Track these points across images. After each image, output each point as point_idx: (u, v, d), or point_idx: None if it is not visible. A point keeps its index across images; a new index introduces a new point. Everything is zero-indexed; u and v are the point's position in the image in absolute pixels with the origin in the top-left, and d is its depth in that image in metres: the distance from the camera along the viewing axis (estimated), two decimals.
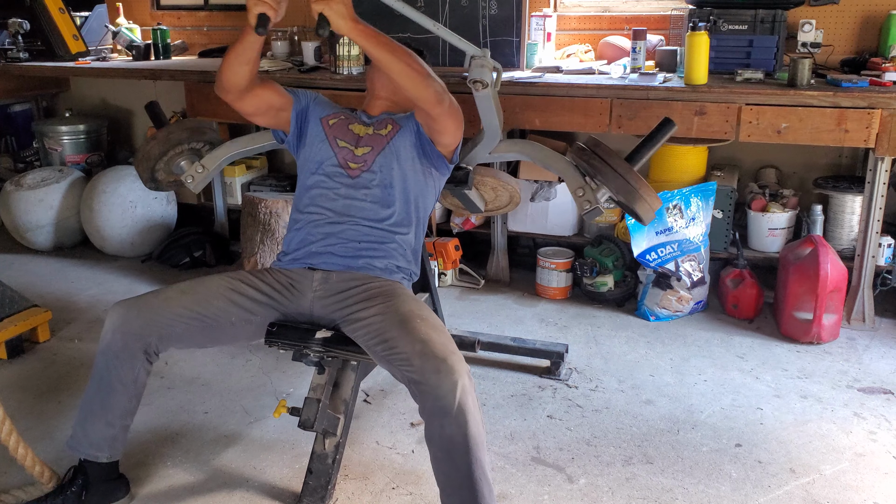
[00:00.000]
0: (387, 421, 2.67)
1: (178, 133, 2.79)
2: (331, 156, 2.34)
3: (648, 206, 2.36)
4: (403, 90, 2.12)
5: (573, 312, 3.54)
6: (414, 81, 2.07)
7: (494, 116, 2.42)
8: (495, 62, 2.04)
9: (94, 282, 3.94)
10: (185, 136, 2.80)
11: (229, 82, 2.22)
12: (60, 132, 4.63)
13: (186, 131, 2.80)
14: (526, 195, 3.72)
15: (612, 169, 2.33)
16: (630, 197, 2.34)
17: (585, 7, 4.02)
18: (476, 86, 2.00)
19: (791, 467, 2.41)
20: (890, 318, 3.41)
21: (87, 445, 2.15)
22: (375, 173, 2.30)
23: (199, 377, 2.97)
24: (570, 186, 2.49)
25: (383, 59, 2.02)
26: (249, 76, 2.22)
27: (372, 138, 2.34)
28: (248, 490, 2.33)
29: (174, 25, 4.79)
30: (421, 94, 2.10)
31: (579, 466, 2.42)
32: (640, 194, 2.32)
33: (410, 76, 2.06)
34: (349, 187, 2.30)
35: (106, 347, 2.10)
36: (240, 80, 2.21)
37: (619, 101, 3.28)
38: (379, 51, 2.01)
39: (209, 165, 2.73)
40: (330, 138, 2.36)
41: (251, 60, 2.18)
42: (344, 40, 3.61)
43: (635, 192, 2.32)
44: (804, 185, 3.78)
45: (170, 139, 2.79)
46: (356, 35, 1.96)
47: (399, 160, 2.31)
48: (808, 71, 3.11)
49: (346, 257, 2.26)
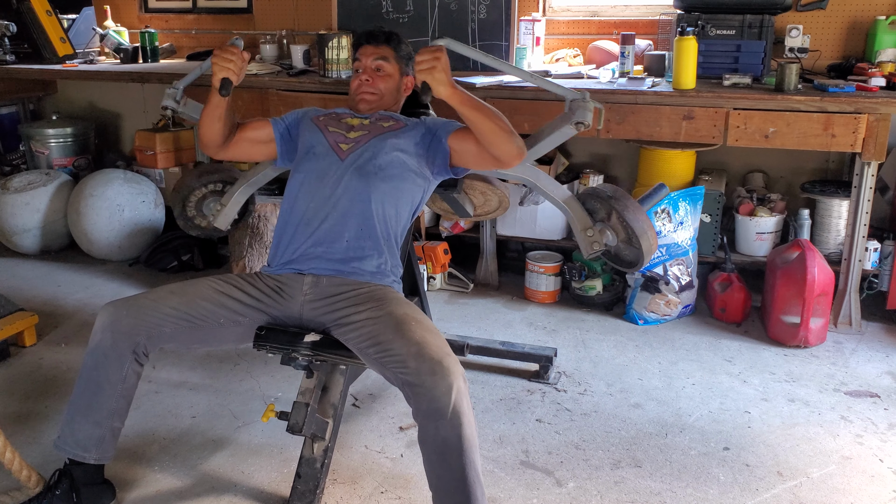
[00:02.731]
0: (375, 425, 2.67)
1: (188, 179, 2.98)
2: (321, 140, 2.37)
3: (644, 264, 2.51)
4: (489, 146, 2.18)
5: (562, 316, 3.54)
6: (501, 139, 2.15)
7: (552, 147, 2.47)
8: (597, 102, 2.11)
9: (81, 286, 3.92)
10: (195, 180, 2.97)
11: (209, 139, 2.37)
12: (47, 135, 4.61)
13: (195, 176, 2.98)
14: (515, 199, 3.73)
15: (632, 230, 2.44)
16: (637, 255, 2.49)
17: (574, 11, 4.04)
18: (579, 127, 2.09)
19: (778, 470, 2.41)
20: (877, 322, 3.43)
21: (73, 445, 2.14)
22: (369, 155, 2.31)
23: (187, 381, 2.96)
24: (578, 226, 2.56)
25: (476, 120, 2.11)
26: (225, 131, 2.36)
27: (370, 126, 2.38)
28: (237, 494, 2.32)
29: (162, 28, 4.78)
30: (506, 150, 2.18)
31: (568, 470, 2.42)
32: (645, 256, 2.45)
33: (499, 134, 2.14)
34: (339, 171, 2.30)
35: (95, 346, 2.10)
36: (216, 136, 2.36)
37: (608, 105, 3.28)
38: (473, 113, 2.10)
39: (226, 202, 2.85)
40: (321, 127, 2.41)
41: (222, 117, 2.31)
42: (332, 43, 3.62)
43: (643, 257, 2.47)
44: (791, 189, 3.80)
45: (182, 186, 2.98)
46: (455, 100, 2.07)
47: (395, 150, 2.32)
48: (796, 76, 3.12)
49: (335, 260, 2.24)
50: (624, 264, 2.66)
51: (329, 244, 2.25)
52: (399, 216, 2.33)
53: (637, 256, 2.54)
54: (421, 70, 2.02)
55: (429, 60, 2.01)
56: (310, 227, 2.27)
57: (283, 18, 4.47)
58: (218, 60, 2.17)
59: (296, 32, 4.38)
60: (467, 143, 2.29)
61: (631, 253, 2.58)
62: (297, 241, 2.29)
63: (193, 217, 3.01)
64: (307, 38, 4.25)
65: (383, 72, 2.46)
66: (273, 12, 4.49)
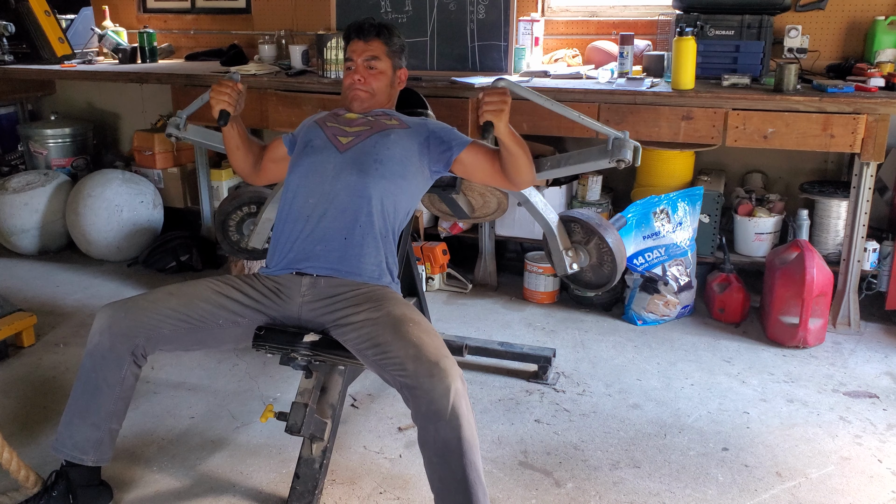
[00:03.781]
0: (374, 426, 2.66)
1: (224, 206, 3.09)
2: (319, 134, 2.39)
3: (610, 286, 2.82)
4: (516, 173, 2.28)
5: (561, 317, 3.54)
6: (527, 169, 2.27)
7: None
8: (636, 142, 2.23)
9: (80, 286, 3.92)
10: (229, 206, 3.07)
11: (239, 169, 2.56)
12: (46, 135, 4.61)
13: (227, 202, 3.09)
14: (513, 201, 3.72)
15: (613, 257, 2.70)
16: (606, 278, 2.77)
17: (573, 12, 4.04)
18: (619, 164, 2.21)
19: (777, 471, 2.41)
20: (875, 323, 3.43)
21: (71, 447, 2.13)
22: (368, 148, 2.31)
23: (186, 382, 2.96)
24: (560, 245, 2.73)
25: (516, 153, 2.21)
26: (249, 158, 2.51)
27: (372, 122, 2.39)
28: (235, 495, 2.31)
29: (161, 28, 4.78)
30: (526, 179, 2.31)
31: (567, 471, 2.42)
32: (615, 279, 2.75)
33: (527, 166, 2.26)
34: (337, 164, 2.29)
35: (93, 348, 2.10)
36: (241, 163, 2.52)
37: (607, 105, 3.29)
38: (516, 147, 2.20)
39: (258, 221, 2.92)
40: (320, 123, 2.43)
41: (240, 147, 2.47)
42: (331, 44, 3.62)
43: (614, 280, 2.75)
44: (790, 189, 3.80)
45: (219, 215, 3.10)
46: (507, 136, 2.16)
47: (397, 146, 2.32)
48: (795, 76, 3.12)
49: (333, 260, 2.23)
50: (586, 286, 2.88)
51: (328, 241, 2.24)
52: (397, 212, 2.32)
53: (604, 280, 2.78)
54: (489, 111, 2.09)
55: (497, 104, 2.08)
56: (308, 223, 2.25)
57: (282, 19, 4.47)
58: (214, 94, 2.30)
59: (294, 33, 4.38)
60: (480, 161, 2.35)
61: (595, 276, 2.81)
62: (296, 238, 2.27)
63: (238, 241, 3.10)
64: (306, 39, 4.25)
65: (376, 69, 2.46)
66: (271, 12, 4.49)
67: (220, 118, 2.31)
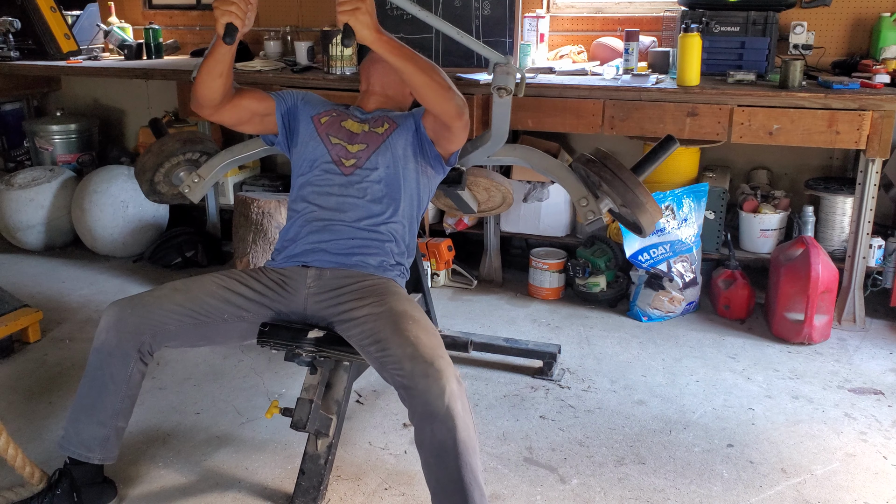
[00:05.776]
0: (379, 421, 2.67)
1: (172, 144, 2.79)
2: (324, 153, 2.33)
3: (651, 219, 2.40)
4: (424, 102, 2.12)
5: (566, 313, 3.54)
6: (437, 94, 2.07)
7: (507, 122, 2.41)
8: (520, 69, 2.05)
9: (86, 282, 3.93)
10: (178, 147, 2.79)
11: (204, 98, 2.20)
12: (51, 131, 4.62)
13: (179, 142, 2.79)
14: (519, 196, 3.73)
15: (622, 182, 2.36)
16: (637, 209, 2.38)
17: (578, 8, 4.03)
18: (500, 92, 2.02)
19: (782, 467, 2.41)
20: (881, 319, 3.42)
21: (77, 444, 2.14)
22: (369, 171, 2.29)
23: (191, 377, 2.97)
24: (574, 196, 2.53)
25: (407, 70, 2.02)
26: (223, 89, 2.20)
27: (368, 136, 2.34)
28: (240, 491, 2.32)
29: (166, 24, 4.78)
30: (442, 108, 2.11)
31: (572, 467, 2.42)
32: (646, 207, 2.36)
33: (434, 89, 2.06)
34: (342, 185, 2.29)
35: (100, 346, 2.10)
36: (214, 94, 2.19)
37: (612, 102, 3.29)
38: (403, 63, 2.01)
39: (205, 175, 2.75)
40: (322, 136, 2.36)
41: (223, 73, 2.15)
42: (336, 40, 3.61)
43: (643, 205, 2.36)
44: (795, 186, 3.79)
45: (163, 151, 2.79)
46: (380, 46, 1.96)
47: (395, 158, 2.31)
48: (800, 73, 3.12)
49: (340, 254, 2.25)
50: (634, 228, 2.60)
51: (335, 240, 2.26)
52: (404, 217, 2.33)
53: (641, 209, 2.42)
54: (342, 11, 1.87)
55: (352, 2, 1.87)
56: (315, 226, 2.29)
57: (287, 15, 4.47)
58: (219, 5, 1.97)
59: (300, 29, 4.37)
60: (430, 116, 2.23)
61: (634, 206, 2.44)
62: (303, 238, 2.30)
63: (158, 183, 2.86)
64: (311, 35, 4.25)
65: None
66: (277, 8, 4.48)
67: (226, 34, 1.98)
